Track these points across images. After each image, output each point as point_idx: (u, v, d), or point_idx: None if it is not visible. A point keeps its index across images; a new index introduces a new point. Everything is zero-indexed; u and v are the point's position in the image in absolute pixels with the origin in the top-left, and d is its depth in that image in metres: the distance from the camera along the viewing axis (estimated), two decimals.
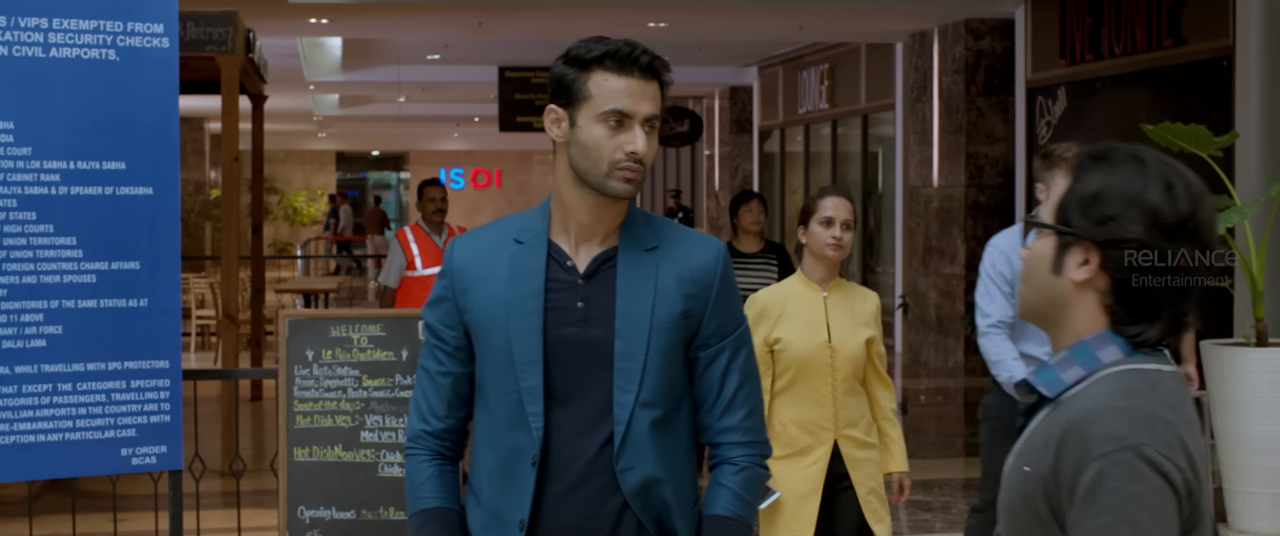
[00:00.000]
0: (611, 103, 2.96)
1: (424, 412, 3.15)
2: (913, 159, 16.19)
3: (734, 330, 3.09)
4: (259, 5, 13.14)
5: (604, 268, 3.04)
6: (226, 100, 10.24)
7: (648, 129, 2.98)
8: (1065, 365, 2.20)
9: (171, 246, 5.28)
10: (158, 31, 5.22)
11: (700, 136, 24.73)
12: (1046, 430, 2.16)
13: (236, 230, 10.45)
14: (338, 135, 40.90)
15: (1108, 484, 2.04)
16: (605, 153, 2.97)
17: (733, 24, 16.57)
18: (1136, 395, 2.12)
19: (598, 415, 3.00)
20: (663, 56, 3.06)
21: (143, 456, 5.31)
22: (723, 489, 3.08)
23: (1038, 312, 2.27)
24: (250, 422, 11.88)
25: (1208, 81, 10.98)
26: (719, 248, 3.09)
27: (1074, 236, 2.20)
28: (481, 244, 3.11)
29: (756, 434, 3.11)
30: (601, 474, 2.99)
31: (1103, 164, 2.21)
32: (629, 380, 2.99)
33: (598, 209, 3.02)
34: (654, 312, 3.00)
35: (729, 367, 3.08)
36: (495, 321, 3.02)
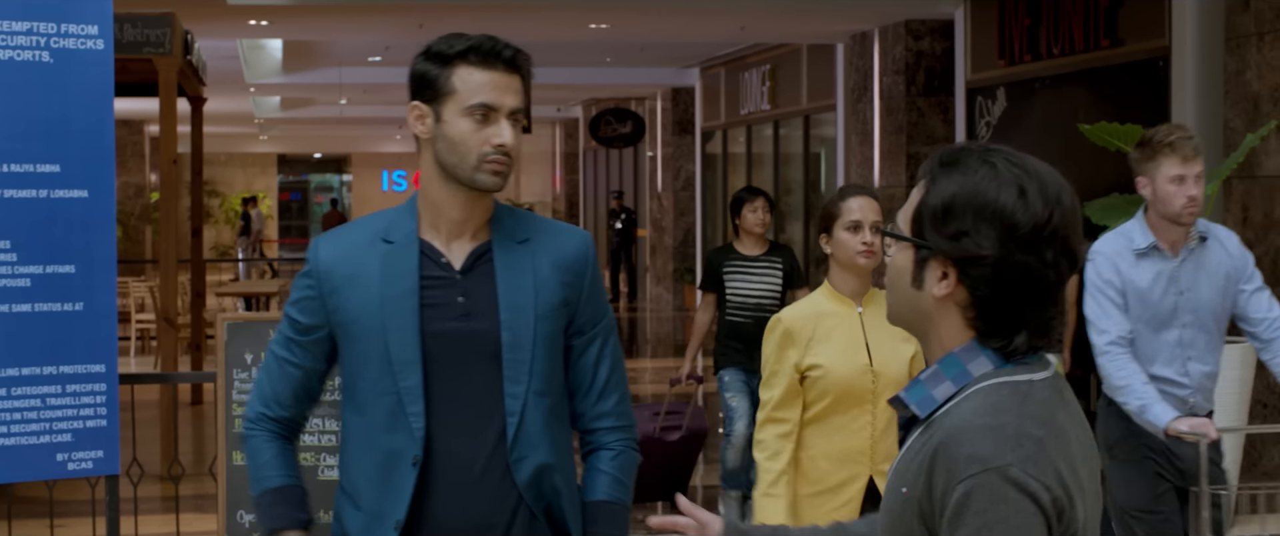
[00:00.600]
0: (477, 96, 2.99)
1: (268, 397, 3.16)
2: (854, 159, 16.24)
3: (603, 317, 3.16)
4: (197, 7, 13.05)
5: (481, 262, 3.05)
6: (164, 102, 10.17)
7: (513, 122, 3.01)
8: (936, 380, 2.13)
9: (107, 249, 5.24)
10: (92, 33, 5.17)
11: (643, 137, 24.74)
12: (919, 450, 2.10)
13: (175, 233, 10.38)
14: (279, 138, 40.69)
15: (973, 506, 1.99)
16: (473, 146, 2.99)
17: (675, 25, 16.58)
18: (1003, 412, 2.05)
19: (486, 409, 3.01)
20: (526, 51, 3.11)
21: (79, 461, 5.26)
22: (602, 474, 3.14)
23: (905, 323, 2.20)
24: (190, 427, 11.81)
25: (1144, 81, 11.07)
26: (586, 237, 3.16)
27: (930, 251, 2.12)
28: (347, 243, 3.10)
29: (628, 418, 3.19)
30: (497, 467, 3.01)
31: (954, 170, 2.12)
32: (519, 370, 3.01)
33: (468, 203, 3.04)
34: (536, 302, 3.03)
35: (601, 354, 3.14)
36: (371, 321, 3.01)
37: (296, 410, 3.17)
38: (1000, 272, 2.08)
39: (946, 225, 2.10)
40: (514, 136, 3.00)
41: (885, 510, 2.16)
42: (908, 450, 2.15)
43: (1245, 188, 9.59)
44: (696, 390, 8.48)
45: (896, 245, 2.19)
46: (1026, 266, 2.08)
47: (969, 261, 2.08)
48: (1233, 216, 9.72)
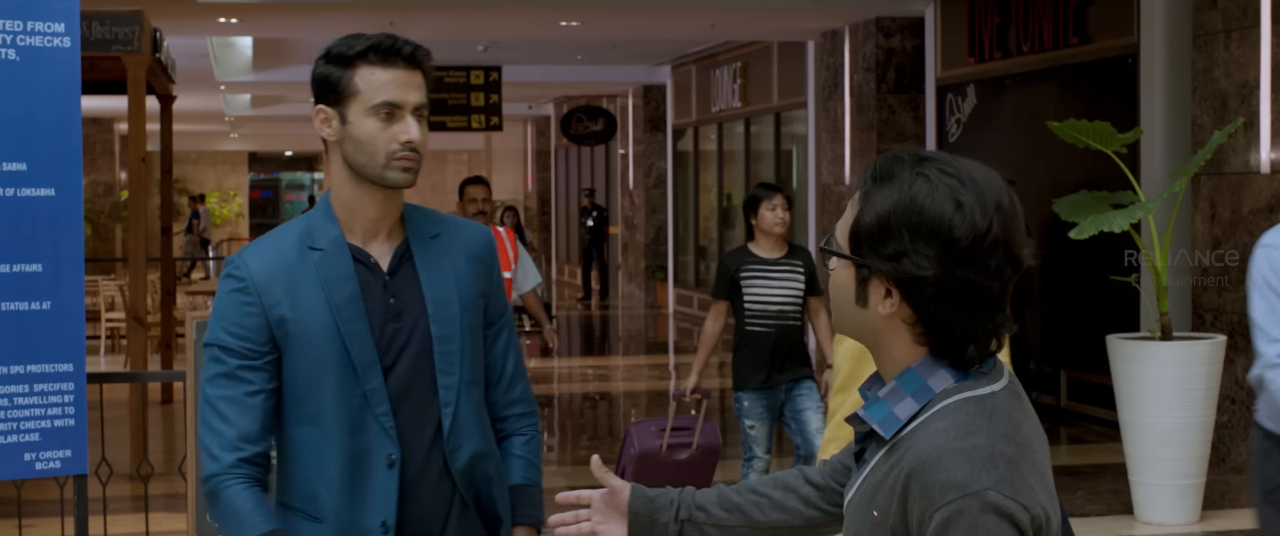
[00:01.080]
0: (381, 95, 2.99)
1: (233, 441, 2.97)
2: (825, 156, 16.27)
3: (506, 309, 3.24)
4: (166, 5, 13.01)
5: (404, 261, 3.09)
6: (133, 100, 10.14)
7: (418, 118, 3.02)
8: (896, 397, 2.08)
9: (74, 248, 5.22)
10: (58, 31, 5.15)
11: (614, 135, 24.74)
12: (890, 473, 2.05)
13: (144, 232, 10.35)
14: (250, 136, 40.58)
15: (952, 533, 1.95)
16: (381, 144, 3.00)
17: (645, 22, 16.58)
18: (973, 432, 2.01)
19: (424, 403, 3.05)
20: (425, 47, 3.09)
21: (47, 461, 5.24)
22: (517, 458, 3.22)
23: (855, 336, 2.15)
24: (160, 426, 11.77)
25: (1113, 79, 11.12)
26: (488, 232, 3.22)
27: (870, 270, 2.06)
28: (275, 254, 3.06)
29: (533, 405, 3.28)
30: (435, 459, 3.05)
31: (887, 185, 2.05)
32: (450, 362, 3.06)
33: (382, 203, 3.06)
34: (459, 295, 3.09)
35: (508, 345, 3.22)
36: (325, 330, 2.99)
37: (266, 443, 3.02)
38: (943, 291, 2.02)
39: (884, 245, 2.04)
40: (420, 132, 3.01)
41: (854, 530, 2.13)
42: (873, 470, 2.11)
43: (1213, 184, 9.64)
44: (702, 405, 7.83)
45: (837, 260, 2.12)
46: (968, 281, 2.02)
47: (910, 282, 2.03)
48: (1201, 213, 9.77)
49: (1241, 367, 9.31)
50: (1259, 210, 9.22)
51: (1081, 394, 11.73)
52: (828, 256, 2.14)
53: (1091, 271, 10.99)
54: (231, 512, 2.97)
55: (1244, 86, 9.35)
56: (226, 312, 3.02)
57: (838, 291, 2.13)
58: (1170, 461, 8.04)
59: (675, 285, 22.97)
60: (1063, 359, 11.93)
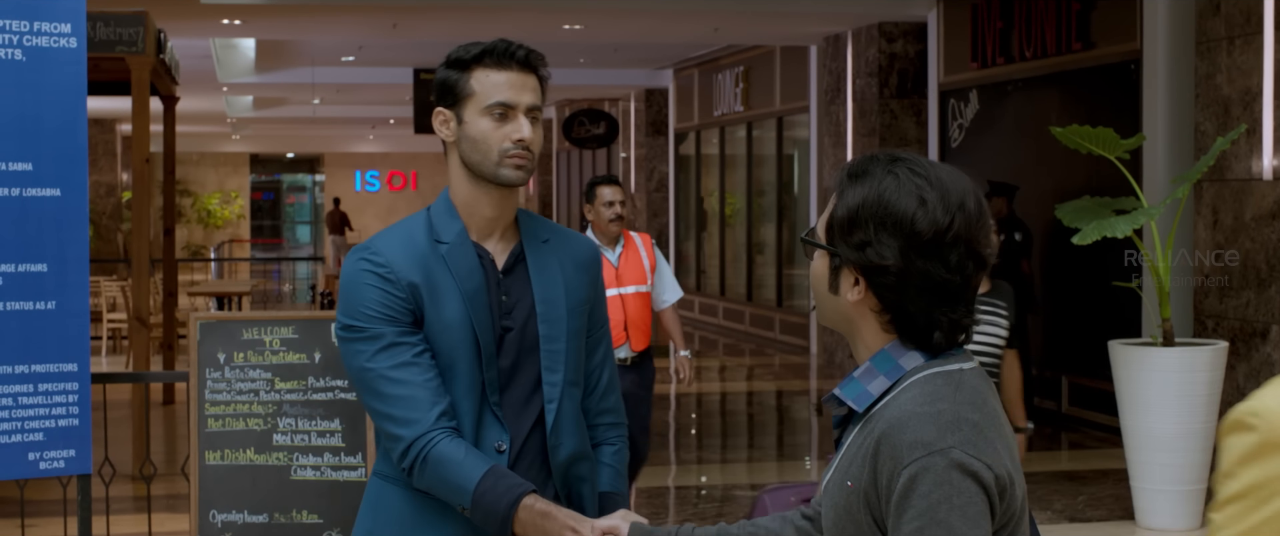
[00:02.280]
0: (495, 96, 3.13)
1: (424, 402, 3.01)
2: (827, 161, 16.28)
3: (606, 321, 3.35)
4: (171, 6, 13.02)
5: (517, 261, 3.21)
6: (137, 101, 10.15)
7: (531, 118, 3.15)
8: (869, 376, 2.21)
9: (79, 248, 5.23)
10: (65, 31, 5.16)
11: (616, 138, 24.75)
12: (861, 443, 2.17)
13: (147, 232, 10.36)
14: (252, 137, 40.59)
15: (919, 489, 2.05)
16: (494, 143, 3.12)
17: (648, 26, 16.60)
18: (940, 399, 2.13)
19: (527, 398, 3.16)
20: (540, 51, 3.21)
21: (51, 461, 5.25)
22: (607, 467, 3.32)
23: (833, 324, 2.29)
24: (162, 426, 11.78)
25: (1116, 84, 11.12)
26: (595, 244, 3.38)
27: (841, 259, 2.21)
28: (409, 244, 3.15)
29: (624, 416, 3.38)
30: (531, 452, 3.15)
31: (860, 182, 2.20)
32: (555, 360, 3.17)
33: (498, 201, 3.17)
34: (567, 297, 3.20)
35: (605, 355, 3.33)
36: (461, 319, 3.10)
37: (446, 399, 3.05)
38: (904, 280, 2.16)
39: (852, 235, 2.18)
40: (533, 132, 3.14)
41: (830, 505, 2.23)
42: (849, 447, 2.22)
43: (1216, 191, 9.65)
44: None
45: (816, 251, 2.27)
46: (928, 273, 2.15)
47: (874, 270, 2.17)
48: (1203, 219, 9.78)
49: (1243, 373, 9.32)
50: (1261, 216, 9.23)
51: (1083, 399, 11.74)
52: (809, 248, 2.29)
53: (1093, 277, 11.00)
54: (448, 464, 2.97)
55: (1247, 93, 9.36)
56: (369, 298, 3.07)
57: (815, 279, 2.28)
58: (1172, 467, 8.04)
59: None
60: (1064, 364, 11.94)
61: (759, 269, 19.85)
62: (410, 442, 3.00)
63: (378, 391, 3.04)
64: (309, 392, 5.49)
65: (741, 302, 20.18)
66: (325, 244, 35.80)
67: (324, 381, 5.48)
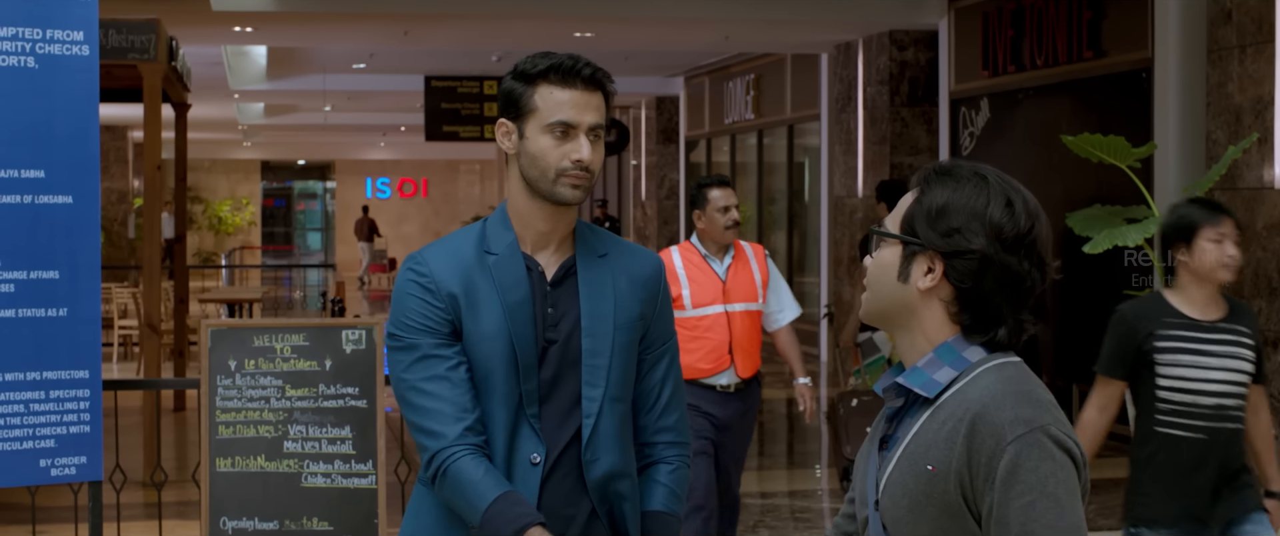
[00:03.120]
0: (556, 114, 3.13)
1: (453, 414, 3.06)
2: (838, 169, 16.28)
3: (671, 337, 3.31)
4: (183, 13, 13.05)
5: (568, 274, 3.21)
6: (148, 108, 10.16)
7: (593, 138, 3.16)
8: (935, 366, 2.30)
9: (91, 255, 5.24)
10: (77, 39, 5.18)
11: (627, 146, 24.76)
12: (942, 428, 2.23)
13: (158, 239, 10.37)
14: (263, 144, 40.64)
15: (1026, 463, 2.14)
16: (552, 161, 3.13)
17: (659, 34, 16.61)
18: (1023, 383, 2.24)
19: (565, 412, 3.15)
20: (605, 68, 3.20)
21: (62, 467, 5.26)
22: (660, 486, 3.27)
23: (884, 317, 2.37)
24: (173, 433, 11.79)
25: (1127, 93, 11.12)
26: (660, 260, 3.32)
27: (920, 246, 2.30)
28: (455, 256, 3.19)
29: (686, 435, 3.33)
30: (565, 466, 3.14)
31: (948, 179, 2.32)
32: (597, 375, 3.16)
33: (552, 217, 3.18)
34: (616, 312, 3.19)
35: (667, 372, 3.29)
36: (499, 329, 3.12)
37: (479, 410, 3.10)
38: (985, 267, 2.27)
39: (939, 223, 2.29)
40: (592, 152, 3.14)
41: (900, 495, 2.26)
42: (917, 435, 2.27)
43: (1227, 199, 9.63)
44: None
45: (883, 244, 2.35)
46: (1007, 266, 2.27)
47: (957, 255, 2.27)
48: None
49: None
50: (1273, 225, 9.22)
51: None
52: (878, 239, 2.37)
53: (1104, 285, 10.99)
54: (464, 482, 3.04)
55: (1258, 101, 9.35)
56: (411, 308, 3.14)
57: (880, 269, 2.36)
58: None
59: None
60: (1075, 372, 11.93)
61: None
62: (433, 454, 3.08)
63: (410, 402, 3.12)
64: (319, 400, 5.50)
65: None
66: (355, 249, 36.16)
67: (335, 388, 5.49)
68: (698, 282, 6.47)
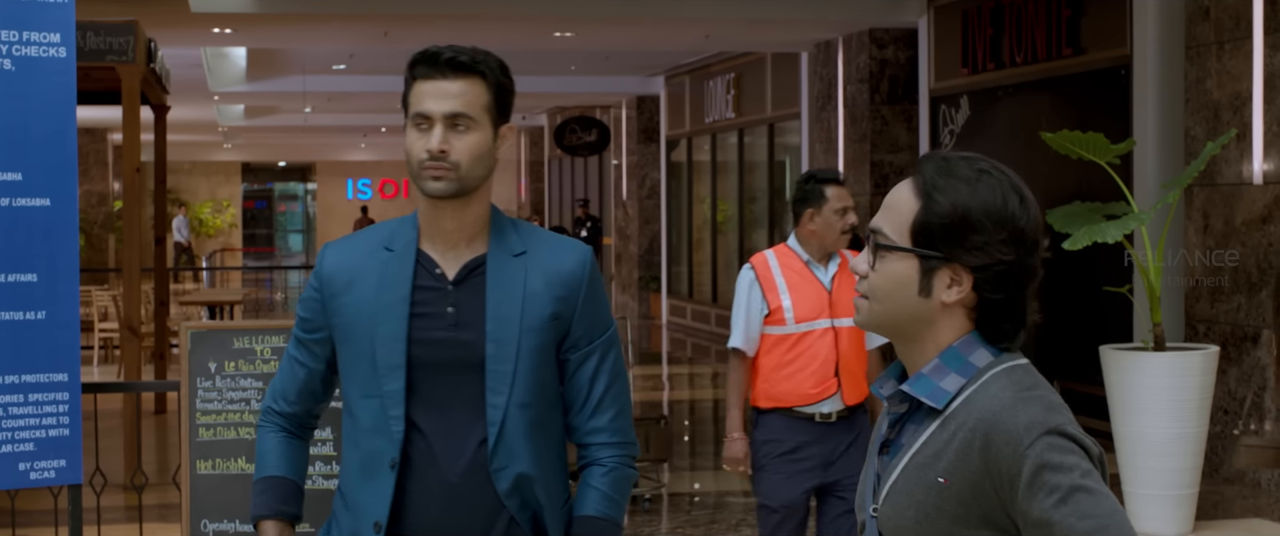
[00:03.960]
0: (415, 106, 3.06)
1: (276, 393, 3.29)
2: (818, 167, 16.27)
3: (603, 333, 3.17)
4: (161, 15, 13.02)
5: (474, 274, 3.10)
6: (127, 110, 10.14)
7: (455, 127, 3.03)
8: (940, 373, 2.22)
9: (70, 258, 5.22)
10: (54, 41, 5.16)
11: (608, 146, 24.76)
12: (953, 439, 2.17)
13: (138, 242, 10.35)
14: (243, 146, 40.57)
15: (1050, 463, 2.09)
16: (414, 154, 3.06)
17: (639, 33, 16.61)
18: (1032, 388, 2.19)
19: (470, 417, 3.06)
20: (490, 53, 3.09)
21: (41, 471, 5.24)
22: (592, 489, 3.16)
23: (895, 329, 2.27)
24: (154, 436, 11.76)
25: (1106, 89, 11.14)
26: (586, 252, 3.18)
27: (942, 260, 2.21)
28: (351, 251, 3.18)
29: (624, 435, 3.20)
30: (476, 473, 3.05)
31: (953, 179, 2.21)
32: (501, 382, 3.05)
33: (452, 213, 3.09)
34: (523, 315, 3.07)
35: (598, 370, 3.16)
36: (361, 328, 3.09)
37: (300, 407, 3.27)
38: (1012, 275, 2.21)
39: (968, 237, 2.19)
40: (446, 141, 3.02)
41: (907, 506, 2.19)
42: (925, 444, 2.21)
43: (1206, 195, 9.66)
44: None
45: (891, 256, 2.24)
46: (1028, 268, 2.22)
47: (989, 267, 2.19)
48: (1194, 224, 9.79)
49: (1234, 378, 9.33)
50: (1252, 221, 9.25)
51: (1074, 404, 11.67)
52: (885, 252, 2.24)
53: (1084, 282, 11.01)
54: (257, 449, 3.28)
55: (1237, 97, 9.37)
56: (305, 291, 3.24)
57: (894, 284, 2.24)
58: (1163, 472, 8.04)
59: (669, 296, 22.97)
60: (1055, 369, 11.95)
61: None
62: (261, 408, 3.31)
63: (282, 360, 3.29)
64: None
65: None
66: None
67: None
68: (801, 293, 5.58)
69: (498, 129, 3.10)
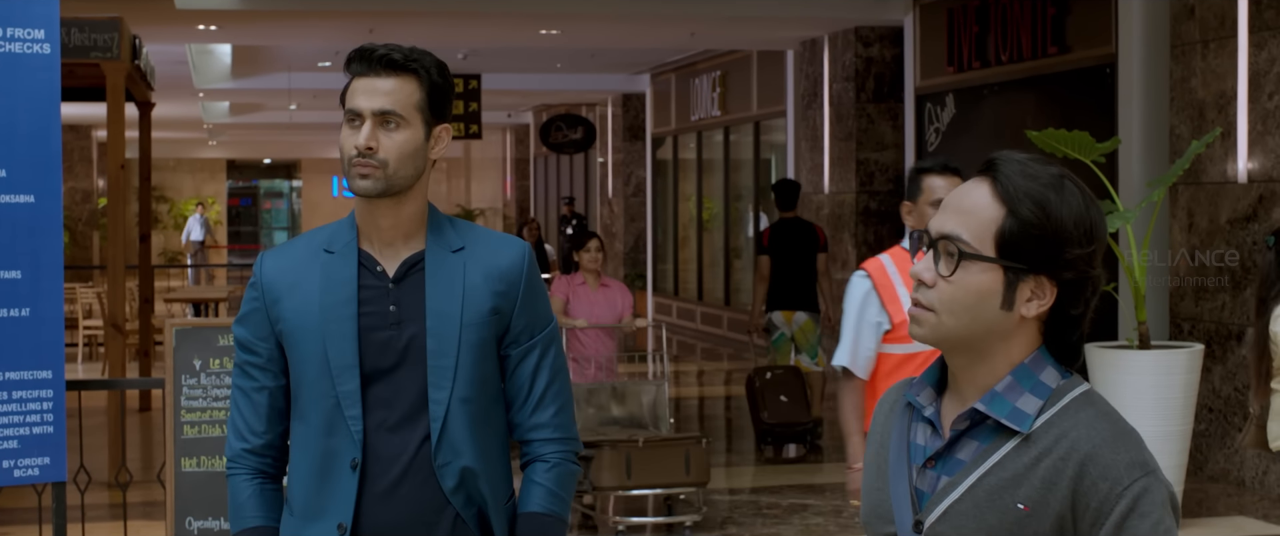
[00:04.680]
0: (348, 102, 3.04)
1: (242, 431, 3.13)
2: (804, 165, 16.29)
3: (543, 329, 3.16)
4: (146, 11, 12.98)
5: (413, 271, 3.09)
6: (112, 107, 10.11)
7: (386, 125, 3.01)
8: (1015, 393, 2.13)
9: (53, 255, 5.21)
10: (38, 37, 5.14)
11: (593, 143, 24.75)
12: (1037, 465, 2.09)
13: (123, 239, 10.32)
14: (228, 143, 40.50)
15: (1141, 508, 2.04)
16: (345, 151, 3.03)
17: (625, 31, 16.60)
18: (1118, 419, 2.12)
19: (413, 413, 3.05)
20: (427, 52, 3.07)
21: (25, 468, 5.23)
22: (536, 486, 3.15)
23: (966, 344, 2.15)
24: (138, 433, 11.74)
25: (1091, 88, 11.16)
26: (522, 248, 3.16)
27: (1025, 271, 2.10)
28: (290, 256, 3.14)
29: (567, 430, 3.18)
30: (420, 470, 3.04)
31: (1039, 186, 2.10)
32: (443, 376, 3.04)
33: (387, 211, 3.06)
34: (463, 310, 3.06)
35: (539, 365, 3.14)
36: (310, 330, 3.05)
37: (272, 434, 3.14)
38: (1094, 286, 2.13)
39: (1063, 249, 2.09)
40: (373, 138, 2.99)
41: (980, 526, 2.11)
42: (1002, 464, 2.11)
43: (1191, 194, 9.68)
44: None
45: (974, 266, 2.11)
46: (1100, 275, 2.15)
47: (1075, 281, 2.11)
48: (1179, 222, 9.81)
49: (1218, 376, 9.35)
50: (1237, 219, 9.27)
51: None
52: (969, 261, 2.11)
53: None
54: (232, 499, 3.14)
55: (1221, 96, 9.39)
56: (242, 306, 3.15)
57: (977, 297, 2.11)
58: None
59: (654, 293, 22.97)
60: None
61: (737, 273, 19.86)
62: (227, 457, 3.17)
63: (231, 398, 3.18)
64: None
65: (719, 307, 20.19)
66: None
67: None
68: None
69: (431, 129, 3.08)
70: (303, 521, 3.07)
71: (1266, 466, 8.81)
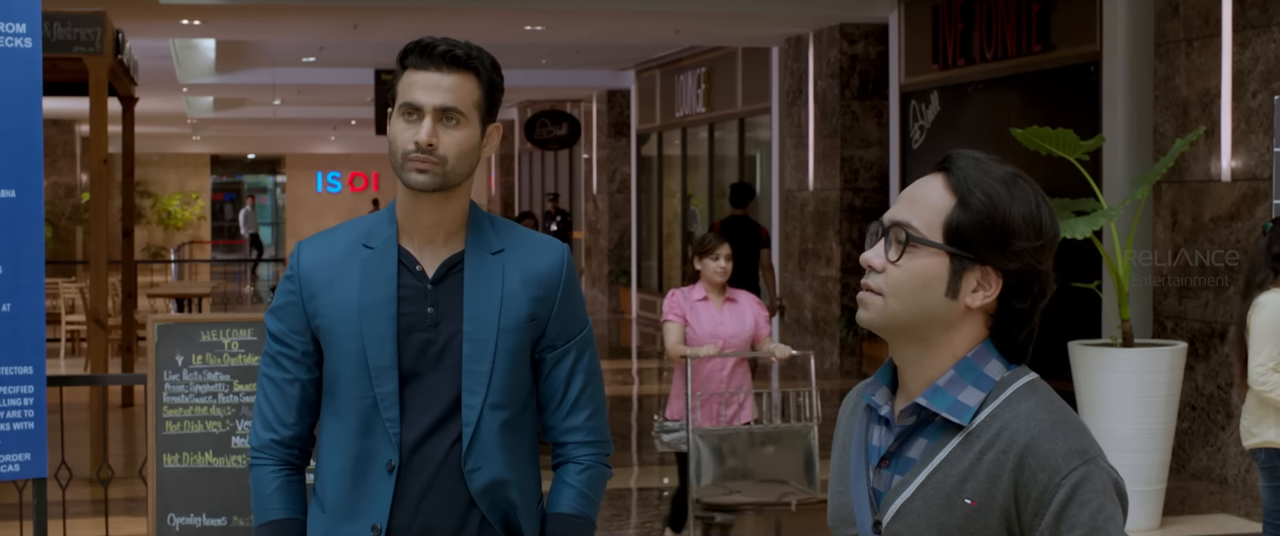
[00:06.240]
0: (404, 96, 2.99)
1: (271, 421, 3.11)
2: (789, 162, 16.30)
3: (579, 332, 3.14)
4: (129, 6, 12.95)
5: (452, 272, 3.06)
6: (94, 102, 10.09)
7: (446, 121, 2.98)
8: (957, 386, 2.14)
9: (35, 250, 5.18)
10: (20, 31, 5.12)
11: (578, 140, 24.73)
12: (981, 459, 2.09)
13: (105, 234, 10.29)
14: (212, 138, 40.40)
15: (1079, 497, 2.04)
16: (399, 145, 2.99)
17: (610, 27, 16.59)
18: (1059, 408, 2.12)
19: (446, 416, 3.02)
20: (483, 50, 3.04)
21: (6, 464, 5.20)
22: (567, 487, 3.13)
23: (909, 330, 2.16)
24: (120, 429, 11.71)
25: (1075, 86, 11.17)
26: (563, 251, 3.13)
27: (973, 260, 2.13)
28: (330, 248, 3.10)
29: (600, 433, 3.17)
30: (450, 474, 3.02)
31: (991, 181, 2.14)
32: (477, 382, 3.01)
33: (432, 208, 3.03)
34: (501, 315, 3.03)
35: (574, 369, 3.13)
36: (349, 328, 3.02)
37: (302, 426, 3.12)
38: (1039, 283, 2.15)
39: (1007, 241, 2.12)
40: (433, 134, 2.96)
41: (930, 524, 2.12)
42: (948, 461, 2.12)
43: (1175, 192, 9.69)
44: None
45: (920, 252, 2.14)
46: (1049, 279, 2.17)
47: (1020, 273, 2.13)
48: (1163, 220, 9.82)
49: (1202, 374, 9.36)
50: (1220, 218, 9.28)
51: None
52: (915, 247, 2.13)
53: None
54: (257, 490, 3.12)
55: (1205, 95, 9.40)
56: (277, 297, 3.11)
57: (918, 281, 2.14)
58: (1131, 467, 8.07)
59: (638, 290, 22.97)
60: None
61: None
62: (251, 446, 3.14)
63: (258, 384, 3.15)
64: None
65: None
66: None
67: None
68: None
69: (485, 127, 3.05)
70: (335, 520, 3.05)
71: (1248, 464, 8.82)
